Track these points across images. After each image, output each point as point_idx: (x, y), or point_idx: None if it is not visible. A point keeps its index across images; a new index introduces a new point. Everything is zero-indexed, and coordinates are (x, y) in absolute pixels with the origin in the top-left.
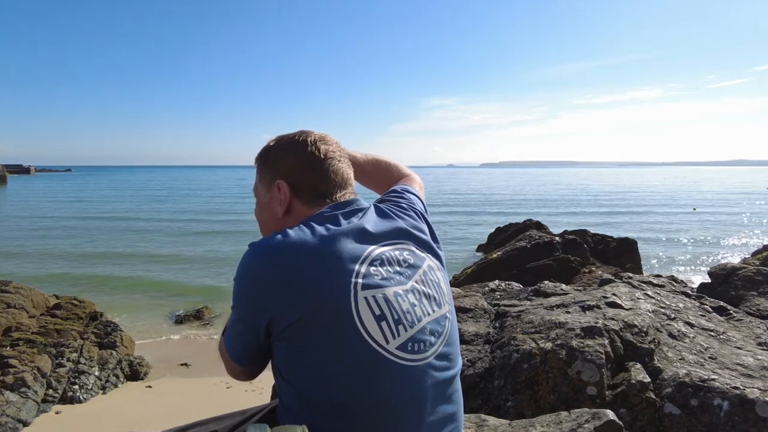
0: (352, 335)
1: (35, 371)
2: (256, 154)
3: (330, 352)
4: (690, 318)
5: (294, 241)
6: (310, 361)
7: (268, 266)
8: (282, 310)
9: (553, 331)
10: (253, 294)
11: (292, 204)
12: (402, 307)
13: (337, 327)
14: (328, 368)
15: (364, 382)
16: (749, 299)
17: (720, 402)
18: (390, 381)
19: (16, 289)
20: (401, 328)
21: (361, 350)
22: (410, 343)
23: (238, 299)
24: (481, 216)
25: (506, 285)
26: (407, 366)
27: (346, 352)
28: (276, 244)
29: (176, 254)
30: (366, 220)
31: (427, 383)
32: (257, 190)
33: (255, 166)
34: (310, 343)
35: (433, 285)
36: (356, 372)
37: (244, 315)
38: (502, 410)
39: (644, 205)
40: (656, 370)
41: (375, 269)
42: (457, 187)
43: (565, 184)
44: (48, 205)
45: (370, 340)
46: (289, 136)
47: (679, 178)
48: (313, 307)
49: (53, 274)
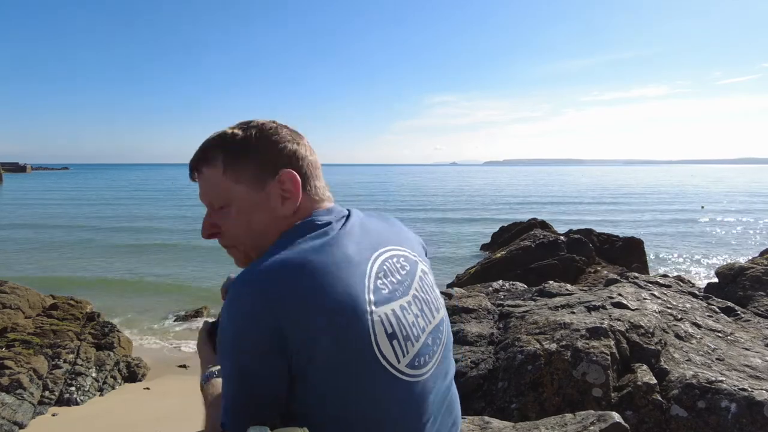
0: (370, 358)
1: (31, 373)
2: (210, 148)
3: (348, 379)
4: (697, 319)
5: (308, 257)
6: (324, 390)
7: (291, 288)
8: (309, 341)
9: (558, 331)
10: (270, 327)
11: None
12: (408, 320)
13: (357, 352)
14: (346, 395)
15: (378, 406)
16: (757, 299)
17: (728, 404)
18: (402, 402)
19: (12, 289)
20: (409, 344)
21: (378, 374)
22: (417, 358)
23: (244, 341)
24: (484, 214)
25: (510, 285)
26: (415, 383)
27: (365, 377)
28: (292, 261)
29: (176, 253)
30: (361, 222)
31: (432, 397)
32: (229, 193)
33: (207, 165)
34: (333, 374)
35: (429, 291)
36: (371, 397)
37: (259, 358)
38: (506, 412)
39: (651, 203)
40: (663, 371)
41: (381, 282)
42: (461, 185)
43: (570, 182)
44: (45, 203)
45: (385, 362)
46: (255, 123)
47: (687, 176)
48: (337, 335)
49: (47, 276)
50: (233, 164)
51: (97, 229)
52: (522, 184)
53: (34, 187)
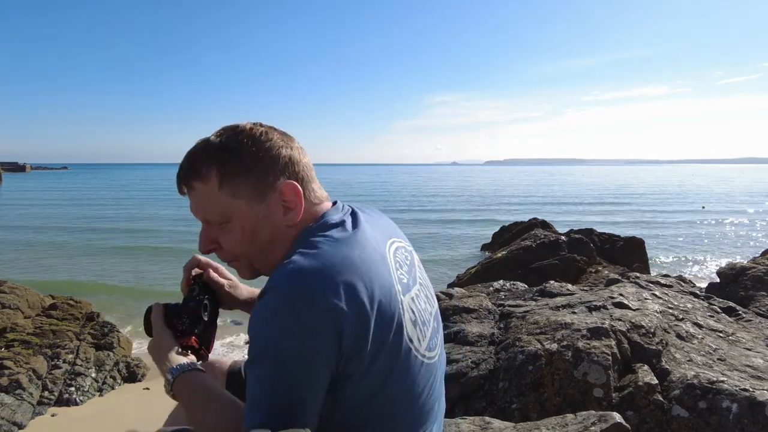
0: (403, 343)
1: (30, 373)
2: (201, 161)
3: (388, 364)
4: (698, 319)
5: (344, 253)
6: (366, 378)
7: (338, 292)
8: (363, 334)
9: (559, 331)
10: (316, 331)
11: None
12: (421, 307)
13: (395, 338)
14: (385, 380)
15: (411, 389)
16: (759, 299)
17: (729, 404)
18: (424, 383)
19: (11, 289)
20: (425, 329)
21: (409, 358)
22: (430, 342)
23: (305, 344)
24: (485, 215)
25: (511, 285)
26: (431, 365)
27: (401, 362)
28: (335, 257)
29: (176, 254)
30: (366, 217)
31: (440, 378)
32: (227, 208)
33: (199, 180)
34: (375, 361)
35: (426, 279)
36: (404, 379)
37: (301, 364)
38: (507, 413)
39: (652, 203)
40: (664, 371)
41: (400, 272)
42: (461, 185)
43: (571, 182)
44: (44, 202)
45: (412, 346)
46: (243, 129)
47: (688, 176)
48: (381, 325)
49: (47, 276)
50: (229, 178)
51: (97, 229)
52: (523, 183)
53: (34, 187)
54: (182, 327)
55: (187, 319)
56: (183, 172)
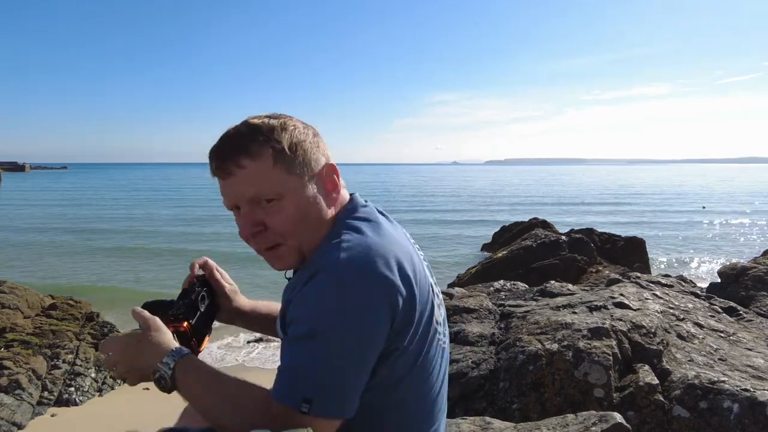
0: (433, 323)
1: (30, 373)
2: (251, 140)
3: (422, 343)
4: (699, 319)
5: (388, 235)
6: (402, 357)
7: (392, 267)
8: (410, 313)
9: (560, 332)
10: (377, 307)
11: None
12: (436, 290)
13: (428, 318)
14: (417, 358)
15: (433, 375)
16: (760, 299)
17: (730, 404)
18: (440, 370)
19: (10, 289)
20: (443, 310)
21: (436, 337)
22: (444, 326)
23: (346, 322)
24: (485, 215)
25: (511, 285)
26: (445, 350)
27: (433, 341)
28: (381, 237)
29: (176, 255)
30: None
31: (447, 367)
32: (281, 186)
33: (250, 158)
34: (411, 340)
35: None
36: (432, 358)
37: (362, 340)
38: (508, 413)
39: (653, 203)
40: (665, 371)
41: (421, 256)
42: (462, 185)
43: (571, 181)
44: (44, 202)
45: (438, 327)
46: (282, 115)
47: (688, 175)
48: (422, 308)
49: (47, 276)
50: (283, 156)
51: (97, 229)
52: (523, 183)
53: (33, 187)
54: (177, 312)
55: (183, 305)
56: (229, 151)
